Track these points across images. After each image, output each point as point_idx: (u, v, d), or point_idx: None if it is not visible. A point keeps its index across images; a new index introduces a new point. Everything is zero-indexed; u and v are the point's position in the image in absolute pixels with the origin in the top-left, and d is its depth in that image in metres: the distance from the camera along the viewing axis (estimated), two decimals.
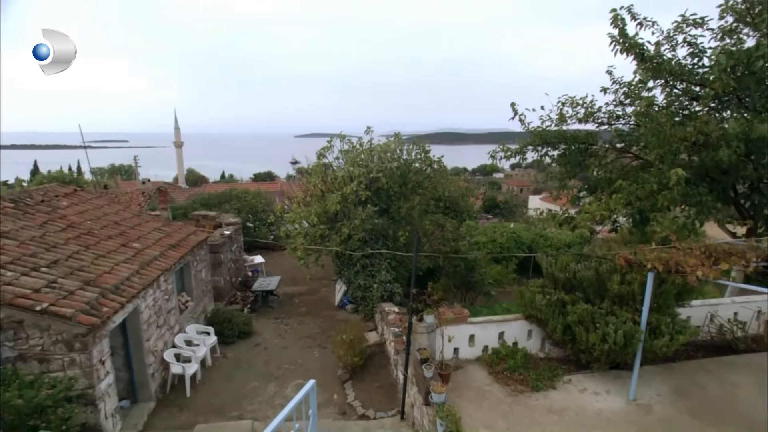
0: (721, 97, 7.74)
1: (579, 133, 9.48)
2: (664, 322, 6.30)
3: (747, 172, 7.95)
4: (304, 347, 10.23)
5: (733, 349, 7.92)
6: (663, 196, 7.22)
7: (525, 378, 6.94)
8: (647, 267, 5.92)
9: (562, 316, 6.75)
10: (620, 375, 7.10)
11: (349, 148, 11.85)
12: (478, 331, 7.47)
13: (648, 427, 6.02)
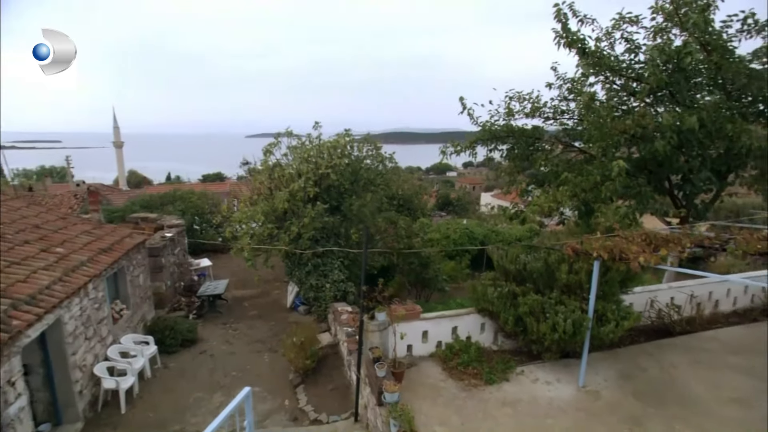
0: (655, 92, 8.08)
1: (526, 128, 9.64)
2: (610, 309, 6.46)
3: (679, 163, 8.36)
4: (254, 352, 9.75)
5: (671, 332, 8.32)
6: (606, 187, 7.43)
7: (479, 372, 6.91)
8: (593, 256, 6.02)
9: (513, 307, 6.77)
10: (570, 363, 7.22)
11: (298, 145, 11.45)
12: (431, 327, 7.37)
13: (596, 413, 6.13)
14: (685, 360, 7.50)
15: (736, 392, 6.61)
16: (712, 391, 6.63)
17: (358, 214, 12.00)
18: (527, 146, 9.72)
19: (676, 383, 6.85)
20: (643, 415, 6.06)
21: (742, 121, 7.10)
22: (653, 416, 6.04)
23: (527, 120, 9.85)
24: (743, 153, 7.71)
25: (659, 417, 6.02)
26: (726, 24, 7.52)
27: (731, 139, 7.11)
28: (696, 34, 7.13)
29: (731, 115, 7.31)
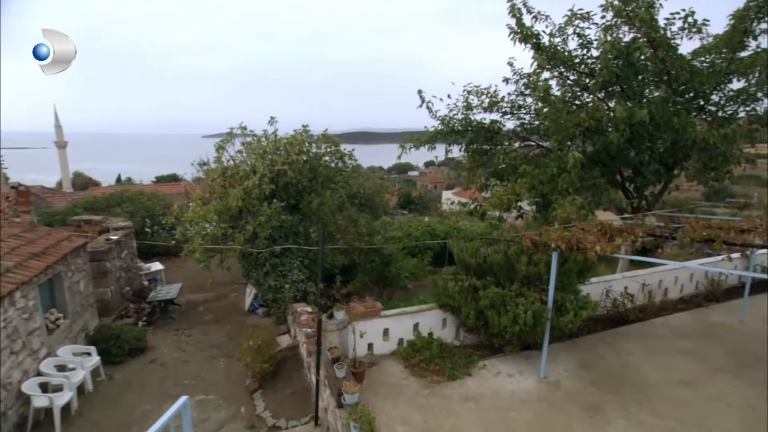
0: (606, 87, 8.28)
1: (484, 122, 9.67)
2: (568, 299, 6.52)
3: (630, 156, 8.62)
4: (209, 359, 9.25)
5: (625, 320, 8.55)
6: (562, 179, 7.53)
7: (441, 368, 6.80)
8: (552, 246, 6.04)
9: (474, 301, 6.70)
10: (531, 355, 7.25)
11: (252, 141, 11.00)
12: (391, 324, 7.20)
13: (557, 403, 6.16)
14: (639, 347, 7.71)
15: (685, 374, 6.84)
16: (663, 375, 6.82)
17: (317, 213, 11.70)
18: (486, 140, 9.75)
19: (631, 369, 7.01)
20: (602, 402, 6.14)
21: (687, 115, 7.37)
22: (611, 403, 6.13)
23: (485, 114, 9.91)
24: (688, 146, 8.03)
25: (617, 403, 6.11)
26: (669, 21, 7.80)
27: (677, 132, 7.36)
28: (644, 29, 7.33)
29: (677, 109, 7.57)
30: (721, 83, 8.13)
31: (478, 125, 9.54)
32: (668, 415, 5.87)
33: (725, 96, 8.58)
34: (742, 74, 7.81)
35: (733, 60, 7.89)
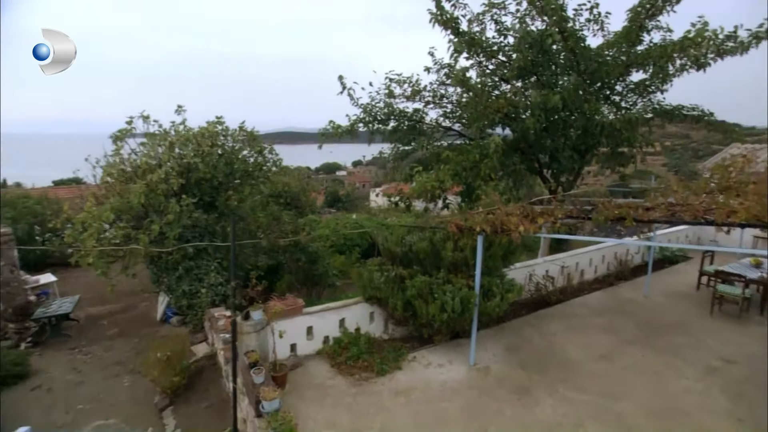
0: (523, 75, 8.46)
1: (407, 111, 9.51)
2: (494, 284, 6.48)
3: (547, 143, 8.90)
4: (110, 378, 8.12)
5: (548, 302, 8.81)
6: (485, 164, 7.53)
7: (370, 364, 6.46)
8: (477, 230, 5.94)
9: (401, 291, 6.45)
10: (461, 343, 7.16)
11: (158, 131, 9.91)
12: (316, 322, 6.73)
13: (488, 388, 6.08)
14: (561, 327, 7.94)
15: (603, 349, 7.13)
16: (584, 351, 7.05)
17: (236, 210, 10.89)
18: (409, 129, 9.60)
19: (556, 349, 7.17)
20: (530, 384, 6.16)
21: (596, 102, 7.71)
22: (539, 383, 6.17)
23: (408, 103, 9.76)
24: (597, 132, 8.43)
25: (544, 383, 6.17)
26: (577, 12, 8.13)
27: (588, 118, 7.67)
28: (555, 17, 7.54)
29: (587, 96, 7.89)
30: (622, 74, 8.63)
31: (401, 114, 9.35)
32: (590, 389, 6.03)
33: (626, 87, 9.17)
34: (640, 66, 8.33)
35: (631, 53, 8.40)
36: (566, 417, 5.47)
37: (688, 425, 5.33)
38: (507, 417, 5.51)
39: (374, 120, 9.30)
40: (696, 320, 8.27)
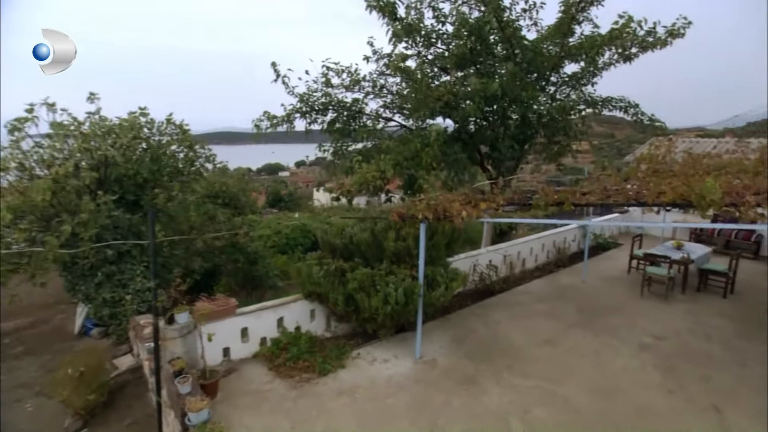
0: (462, 64, 8.43)
1: (346, 101, 9.19)
2: (438, 273, 6.31)
3: (487, 133, 8.94)
4: (11, 403, 7.11)
5: (492, 291, 8.84)
6: (426, 153, 7.37)
7: (311, 364, 6.06)
8: (419, 218, 5.74)
9: (342, 285, 6.11)
10: (407, 337, 6.95)
11: (67, 120, 8.85)
12: (251, 322, 6.23)
13: (434, 381, 5.89)
14: (505, 315, 7.96)
15: (546, 334, 7.21)
16: (528, 338, 7.09)
17: (165, 209, 10.03)
18: (349, 119, 9.28)
19: (501, 337, 7.15)
20: (476, 374, 6.05)
21: (534, 90, 7.81)
22: (485, 372, 6.08)
23: (348, 93, 9.45)
24: (534, 121, 8.57)
25: (490, 372, 6.08)
26: (513, 2, 8.21)
27: (525, 106, 7.75)
28: (492, 5, 7.54)
29: (524, 84, 7.98)
30: (557, 66, 8.84)
31: (340, 104, 9.01)
32: (536, 374, 6.02)
33: (561, 79, 9.43)
34: (573, 57, 8.57)
35: (564, 45, 8.62)
36: (513, 404, 5.40)
37: (627, 402, 5.44)
38: (455, 409, 5.35)
39: (312, 110, 8.89)
40: (628, 301, 8.63)
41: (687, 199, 5.28)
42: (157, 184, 10.13)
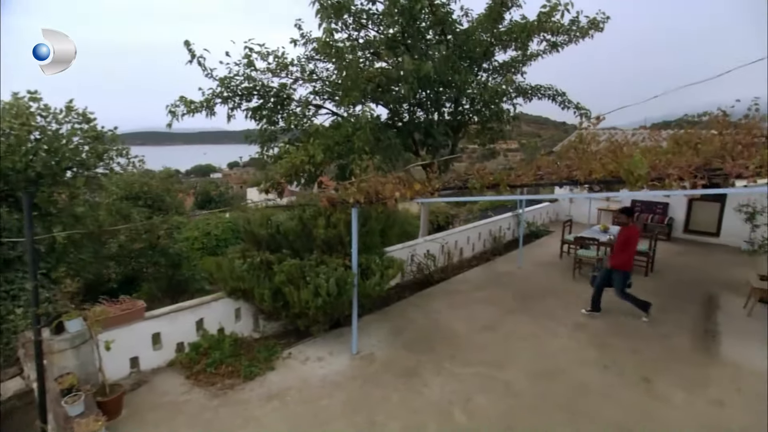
0: (394, 46, 8.14)
1: (272, 85, 8.57)
2: (373, 261, 5.93)
3: (421, 120, 8.73)
4: None
5: (430, 281, 8.64)
6: (357, 137, 6.99)
7: (236, 368, 5.44)
8: (350, 202, 5.32)
9: (268, 279, 5.54)
10: (343, 333, 6.51)
11: None
12: (164, 327, 5.48)
13: (372, 376, 5.51)
14: (444, 304, 7.78)
15: (485, 321, 7.09)
16: (468, 325, 6.93)
17: (66, 209, 8.84)
18: (276, 105, 8.67)
19: (441, 326, 6.93)
20: (417, 365, 5.75)
21: (466, 74, 7.69)
22: (426, 363, 5.80)
23: (274, 79, 8.85)
24: (468, 108, 8.49)
25: (431, 362, 5.81)
26: None
27: (459, 89, 7.61)
28: None
29: (457, 67, 7.84)
30: (488, 51, 8.83)
31: (265, 88, 8.38)
32: (477, 361, 5.83)
33: (492, 67, 9.47)
34: (503, 43, 8.59)
35: (495, 31, 8.63)
36: (455, 393, 5.15)
37: (565, 381, 5.39)
38: (395, 404, 4.99)
39: (234, 95, 8.18)
40: (562, 284, 8.81)
41: (616, 175, 5.32)
42: (56, 180, 8.89)
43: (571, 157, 6.69)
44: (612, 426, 4.57)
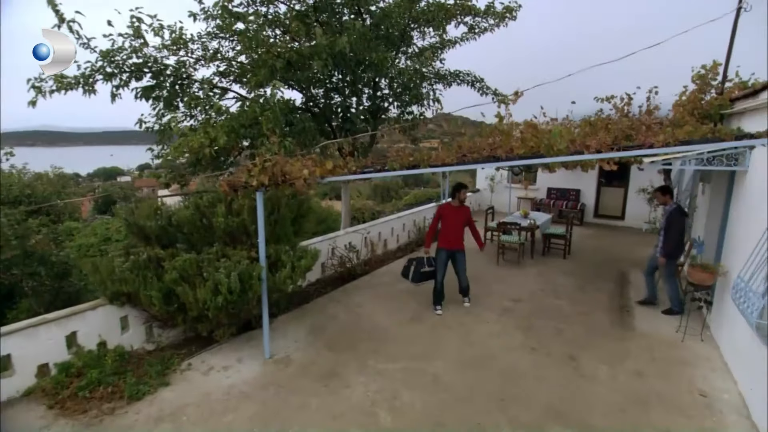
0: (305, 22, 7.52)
1: (167, 63, 7.53)
2: (283, 251, 5.24)
3: (338, 103, 8.19)
4: None
5: (353, 275, 8.13)
6: (266, 117, 6.27)
7: (118, 388, 4.50)
8: (253, 185, 4.63)
9: (157, 279, 4.67)
10: (255, 336, 5.77)
11: None
12: (20, 346, 4.36)
13: (288, 382, 4.86)
14: (368, 297, 7.31)
15: (411, 312, 6.73)
16: (393, 318, 6.52)
17: None
18: (174, 86, 7.64)
19: (364, 321, 6.44)
20: (338, 364, 5.20)
21: (384, 50, 7.27)
22: (348, 361, 5.26)
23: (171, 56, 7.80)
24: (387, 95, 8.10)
25: (354, 360, 5.29)
26: None
27: (377, 68, 7.17)
28: None
29: (375, 45, 7.40)
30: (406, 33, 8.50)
31: (158, 65, 7.33)
32: (403, 355, 5.41)
33: (411, 53, 9.17)
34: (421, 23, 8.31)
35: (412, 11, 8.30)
36: (380, 392, 4.67)
37: (495, 367, 5.15)
38: (313, 411, 4.40)
39: (120, 71, 7.03)
40: (486, 270, 8.73)
41: (536, 151, 5.19)
42: None
43: (490, 142, 6.55)
44: (544, 408, 4.37)
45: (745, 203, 5.16)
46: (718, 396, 4.56)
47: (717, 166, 5.31)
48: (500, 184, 15.18)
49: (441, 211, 6.57)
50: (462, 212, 6.65)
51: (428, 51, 8.11)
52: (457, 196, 6.56)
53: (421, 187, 41.45)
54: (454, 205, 6.61)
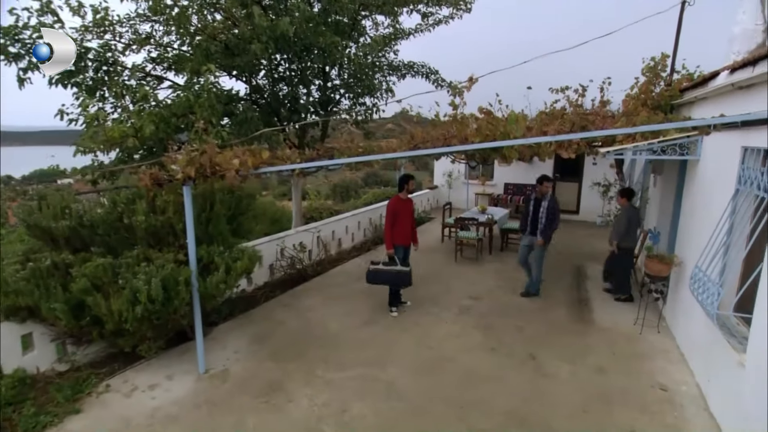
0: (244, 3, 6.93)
1: (89, 46, 6.74)
2: (217, 253, 4.66)
3: (284, 92, 7.65)
4: None
5: (305, 277, 7.62)
6: (200, 105, 5.65)
7: (12, 422, 3.80)
8: (178, 178, 4.05)
9: (63, 289, 3.99)
10: (189, 348, 5.15)
11: None
12: None
13: (223, 400, 4.30)
14: (319, 300, 6.83)
15: (365, 315, 6.33)
16: (346, 321, 6.08)
17: None
18: (98, 73, 6.85)
19: (314, 326, 5.96)
20: (283, 376, 4.69)
21: (332, 35, 6.80)
22: (294, 372, 4.77)
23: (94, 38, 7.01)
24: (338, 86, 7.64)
25: (300, 370, 4.80)
26: None
27: (325, 54, 6.70)
28: None
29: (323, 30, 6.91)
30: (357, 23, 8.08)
31: (80, 48, 6.54)
32: (355, 362, 4.98)
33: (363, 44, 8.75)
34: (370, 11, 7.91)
35: None
36: (327, 405, 4.22)
37: (453, 370, 4.82)
38: (250, 431, 3.89)
39: (28, 52, 6.18)
40: (445, 268, 8.46)
41: (492, 138, 4.91)
42: None
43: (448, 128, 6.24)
44: (506, 414, 4.07)
45: (698, 192, 5.09)
46: (677, 389, 4.44)
47: (670, 156, 5.22)
48: (458, 180, 15.06)
49: (394, 207, 6.20)
50: (411, 204, 6.37)
51: (380, 38, 7.71)
52: (405, 188, 6.23)
53: (380, 186, 41.22)
54: (403, 198, 6.27)
